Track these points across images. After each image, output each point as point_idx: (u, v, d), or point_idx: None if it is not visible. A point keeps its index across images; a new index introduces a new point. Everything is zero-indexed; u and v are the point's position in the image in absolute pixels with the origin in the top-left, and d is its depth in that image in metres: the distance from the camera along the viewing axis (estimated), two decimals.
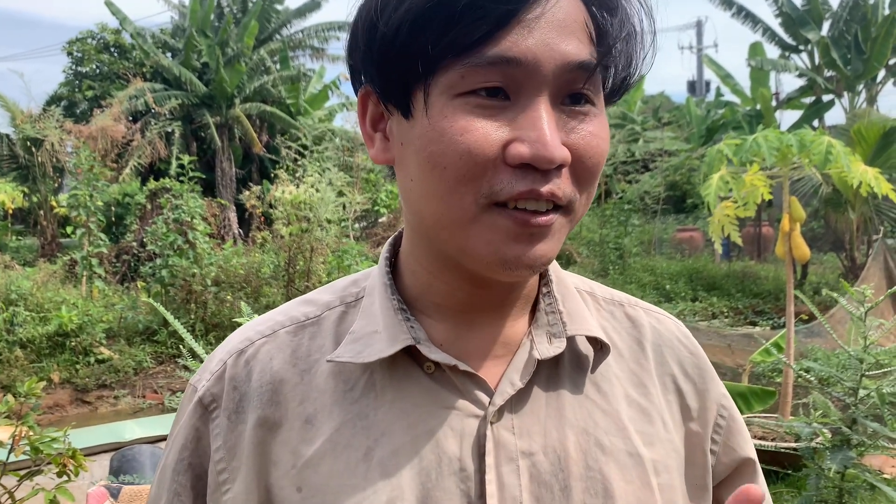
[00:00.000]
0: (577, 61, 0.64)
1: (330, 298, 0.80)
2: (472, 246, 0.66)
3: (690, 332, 0.88)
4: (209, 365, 0.78)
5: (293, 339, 0.77)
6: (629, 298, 0.86)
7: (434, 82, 0.64)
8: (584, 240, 15.56)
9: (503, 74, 0.63)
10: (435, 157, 0.64)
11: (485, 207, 0.64)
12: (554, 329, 0.74)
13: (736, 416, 0.84)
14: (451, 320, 0.74)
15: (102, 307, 9.53)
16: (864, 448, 3.17)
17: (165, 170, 16.40)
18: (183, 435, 0.75)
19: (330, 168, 11.45)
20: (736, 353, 8.35)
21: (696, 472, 0.79)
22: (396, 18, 0.63)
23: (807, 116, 18.08)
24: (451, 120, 0.63)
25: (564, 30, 0.63)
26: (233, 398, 0.74)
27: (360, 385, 0.72)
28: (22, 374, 7.94)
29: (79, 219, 10.33)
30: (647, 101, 25.33)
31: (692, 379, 0.81)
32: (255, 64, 19.94)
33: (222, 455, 0.73)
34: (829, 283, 12.30)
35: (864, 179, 4.53)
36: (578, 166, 0.66)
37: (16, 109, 15.50)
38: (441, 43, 0.62)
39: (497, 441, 0.69)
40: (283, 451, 0.71)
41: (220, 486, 0.73)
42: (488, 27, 0.61)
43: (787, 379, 5.01)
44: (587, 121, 0.66)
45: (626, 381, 0.78)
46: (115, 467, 4.38)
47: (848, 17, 16.96)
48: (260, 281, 9.89)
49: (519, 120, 0.63)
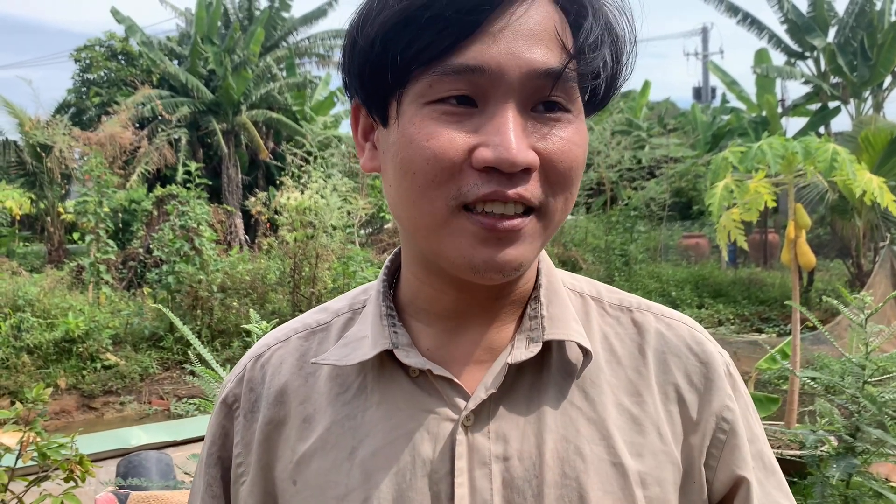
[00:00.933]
0: (544, 69, 0.65)
1: (341, 305, 0.85)
2: (444, 250, 0.68)
3: (711, 338, 0.82)
4: (236, 368, 0.85)
5: (303, 343, 0.82)
6: (640, 302, 0.83)
7: (406, 92, 0.67)
8: (590, 246, 15.54)
9: (469, 83, 0.65)
10: (405, 162, 0.67)
11: (454, 211, 0.66)
12: (533, 334, 0.74)
13: (739, 432, 0.78)
14: (438, 325, 0.76)
15: (109, 313, 9.56)
16: (868, 456, 3.15)
17: (172, 176, 16.47)
18: (212, 432, 0.82)
19: (335, 174, 11.48)
20: (742, 360, 8.32)
21: (694, 487, 0.76)
22: (371, 33, 0.67)
23: (813, 123, 18.04)
24: (418, 127, 0.66)
25: (532, 39, 0.65)
26: (249, 399, 0.80)
27: (353, 388, 0.76)
28: (29, 380, 7.97)
29: (86, 225, 10.38)
30: (652, 108, 25.30)
31: (697, 389, 0.77)
32: (261, 71, 20.01)
33: (240, 450, 0.79)
34: (834, 290, 12.26)
35: (867, 188, 4.52)
36: (550, 171, 0.67)
37: (24, 116, 15.58)
38: (409, 54, 0.65)
39: (471, 445, 0.71)
40: (284, 447, 0.76)
41: (239, 479, 0.79)
42: (453, 38, 0.64)
43: (793, 386, 5.00)
44: (559, 127, 0.67)
45: (619, 388, 0.76)
46: (121, 473, 4.38)
47: (854, 24, 16.94)
48: (266, 287, 9.91)
49: (485, 126, 0.65)
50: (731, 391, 0.79)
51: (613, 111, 19.14)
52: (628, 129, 20.41)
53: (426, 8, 0.63)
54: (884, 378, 3.20)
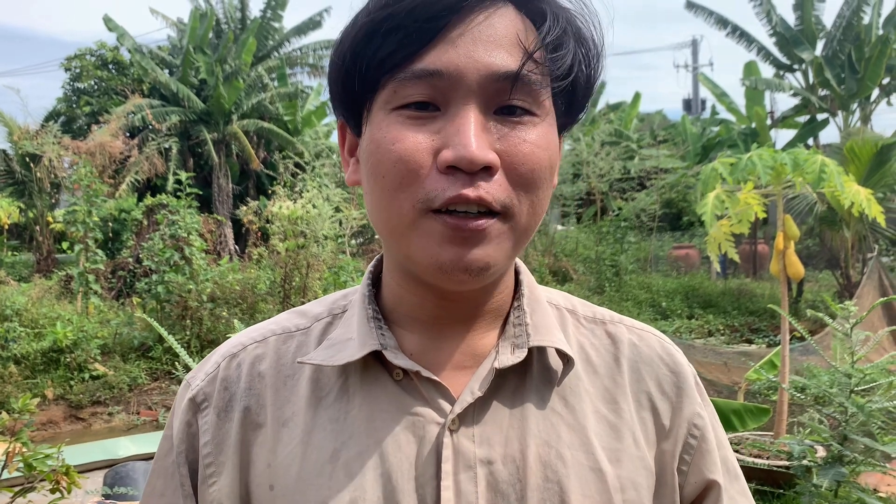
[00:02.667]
0: (502, 71, 0.67)
1: (320, 310, 0.84)
2: (413, 252, 0.70)
3: (679, 350, 0.87)
4: (205, 366, 0.82)
5: (281, 346, 0.81)
6: (612, 315, 0.86)
7: (374, 99, 0.70)
8: (581, 257, 15.57)
9: (431, 87, 0.67)
10: (375, 167, 0.69)
11: (422, 213, 0.67)
12: (518, 340, 0.76)
13: (709, 437, 0.82)
14: (422, 331, 0.77)
15: (97, 323, 9.49)
16: (856, 465, 3.17)
17: (162, 186, 16.42)
18: (178, 430, 0.80)
19: (327, 185, 11.48)
20: (732, 370, 8.33)
21: (666, 491, 0.79)
22: (343, 50, 0.71)
23: (801, 135, 18.18)
24: (385, 131, 0.69)
25: (491, 43, 0.67)
26: (223, 397, 0.79)
27: (334, 390, 0.76)
28: (16, 390, 7.90)
29: (75, 234, 10.32)
30: (643, 119, 25.45)
31: (669, 397, 0.81)
32: (252, 81, 20.02)
33: (210, 449, 0.77)
34: (823, 301, 12.33)
35: (855, 200, 4.56)
36: (511, 172, 0.68)
37: (13, 125, 15.52)
38: (374, 62, 0.68)
39: (456, 448, 0.71)
40: (261, 450, 0.75)
41: (207, 479, 0.77)
42: (415, 45, 0.67)
43: (782, 397, 5.01)
44: (521, 129, 0.68)
45: (596, 397, 0.78)
46: (108, 483, 4.35)
47: (841, 37, 17.11)
48: (256, 297, 9.87)
49: (447, 128, 0.67)
50: (700, 399, 0.83)
51: (602, 122, 19.21)
52: (618, 139, 20.51)
53: (389, 19, 0.67)
54: (870, 387, 3.22)
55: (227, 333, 9.08)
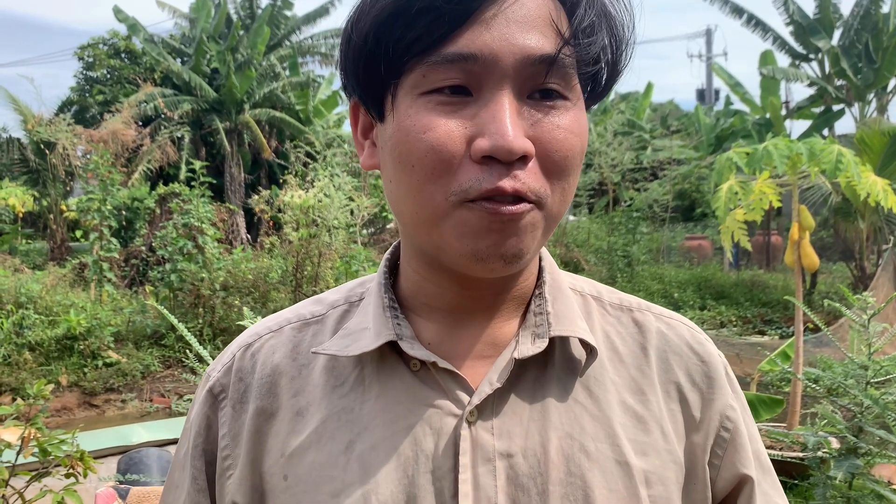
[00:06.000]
0: (538, 54, 0.64)
1: (337, 298, 0.83)
2: (447, 241, 0.67)
3: (709, 339, 0.83)
4: (222, 357, 0.82)
5: (297, 335, 0.80)
6: (640, 303, 0.83)
7: (401, 84, 0.67)
8: (593, 247, 15.53)
9: (463, 71, 0.64)
10: (404, 156, 0.66)
11: (455, 205, 0.65)
12: (539, 330, 0.74)
13: (742, 431, 0.79)
14: (440, 321, 0.75)
15: (111, 311, 9.56)
16: (871, 457, 3.15)
17: (174, 174, 16.48)
18: (196, 423, 0.79)
19: (339, 174, 11.49)
20: (744, 361, 8.31)
21: (697, 486, 0.76)
22: (365, 28, 0.66)
23: (817, 126, 18.01)
24: (414, 119, 0.65)
25: (525, 25, 0.64)
26: (238, 389, 0.78)
27: (350, 380, 0.74)
28: (30, 377, 7.98)
29: (90, 223, 10.38)
30: (655, 109, 25.31)
31: (699, 388, 0.78)
32: (264, 70, 20.03)
33: (227, 442, 0.76)
34: (838, 292, 12.25)
35: (872, 190, 4.51)
36: (545, 160, 0.66)
37: (28, 113, 15.60)
38: (402, 45, 0.65)
39: (475, 441, 0.69)
40: (275, 440, 0.74)
41: (225, 472, 0.76)
42: (446, 27, 0.63)
43: (796, 388, 4.99)
44: (555, 114, 0.66)
45: (623, 387, 0.75)
46: (122, 470, 4.39)
47: (859, 27, 16.90)
48: (268, 286, 9.90)
49: (481, 114, 0.64)
50: (732, 391, 0.80)
51: (614, 112, 19.11)
52: (631, 130, 20.41)
53: None
54: (886, 379, 3.20)
55: (238, 322, 9.12)
